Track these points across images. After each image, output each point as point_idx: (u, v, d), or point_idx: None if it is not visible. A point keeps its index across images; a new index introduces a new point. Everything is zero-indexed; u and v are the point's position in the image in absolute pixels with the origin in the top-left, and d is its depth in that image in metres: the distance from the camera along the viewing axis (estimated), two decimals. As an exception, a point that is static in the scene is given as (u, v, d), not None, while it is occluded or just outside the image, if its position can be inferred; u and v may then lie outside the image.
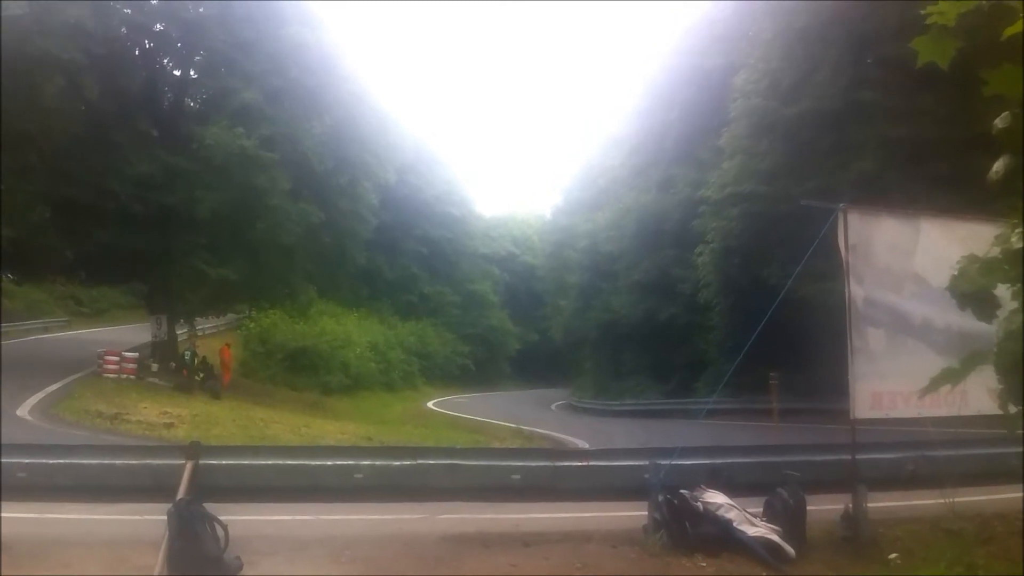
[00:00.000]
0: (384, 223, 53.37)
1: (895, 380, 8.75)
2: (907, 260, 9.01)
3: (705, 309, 39.69)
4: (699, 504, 8.69)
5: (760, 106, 33.46)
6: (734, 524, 8.46)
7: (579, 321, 60.52)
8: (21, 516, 8.86)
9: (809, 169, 29.73)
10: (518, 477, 9.04)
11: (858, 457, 9.14)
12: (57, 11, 29.11)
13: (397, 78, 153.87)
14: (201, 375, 32.07)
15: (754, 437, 23.83)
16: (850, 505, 8.95)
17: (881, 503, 9.33)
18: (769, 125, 32.82)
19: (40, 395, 25.00)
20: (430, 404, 49.84)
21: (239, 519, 7.79)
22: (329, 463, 8.88)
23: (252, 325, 47.46)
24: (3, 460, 8.30)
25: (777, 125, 32.31)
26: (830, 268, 10.13)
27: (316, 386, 46.18)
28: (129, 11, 33.06)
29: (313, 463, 8.94)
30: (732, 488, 8.98)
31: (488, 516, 9.64)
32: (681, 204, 43.58)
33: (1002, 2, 3.71)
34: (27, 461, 8.42)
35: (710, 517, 8.58)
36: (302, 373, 46.86)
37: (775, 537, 8.32)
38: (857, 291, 8.90)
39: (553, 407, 53.59)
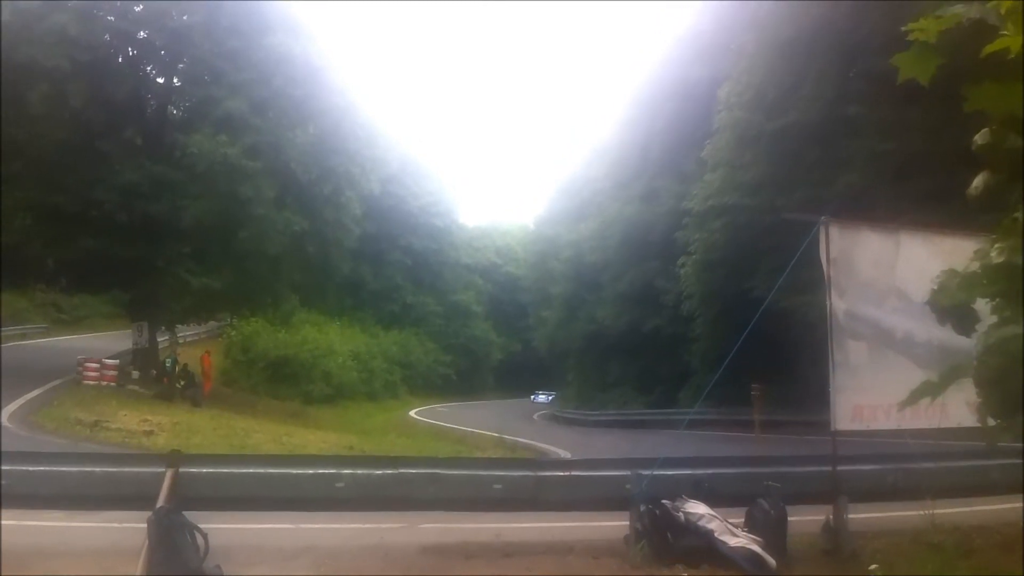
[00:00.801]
0: (368, 233, 53.35)
1: (876, 393, 8.79)
2: (888, 274, 9.07)
3: (689, 320, 39.76)
4: (681, 515, 8.67)
5: (744, 118, 33.53)
6: (716, 535, 8.45)
7: (563, 332, 60.56)
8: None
9: (794, 182, 29.79)
10: (500, 487, 9.02)
11: (839, 469, 9.17)
12: (41, 18, 29.04)
13: (382, 88, 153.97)
14: (182, 383, 31.92)
15: (736, 448, 23.90)
16: (831, 517, 8.98)
17: (862, 515, 9.36)
18: (753, 137, 32.87)
19: (20, 402, 24.85)
20: (412, 414, 49.73)
21: (220, 528, 7.75)
22: (310, 472, 8.83)
23: (234, 333, 47.31)
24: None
25: (761, 138, 32.37)
26: (812, 281, 10.18)
27: (298, 395, 46.06)
28: (113, 18, 32.98)
29: (294, 472, 8.89)
30: (714, 499, 8.99)
31: (470, 526, 9.62)
32: (665, 215, 43.65)
33: (983, 20, 3.74)
34: (7, 468, 8.32)
35: (692, 528, 8.57)
36: (284, 382, 46.72)
37: (756, 548, 8.32)
38: (838, 304, 8.95)
39: (536, 417, 53.55)
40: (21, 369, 32.64)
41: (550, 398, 67.05)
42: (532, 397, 70.08)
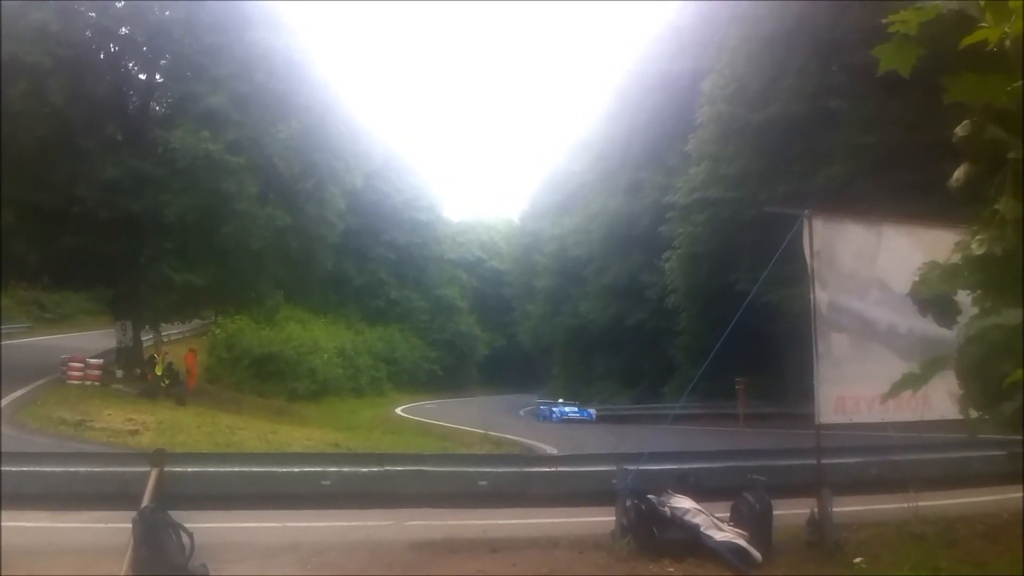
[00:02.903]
0: (352, 228, 53.21)
1: (859, 385, 8.83)
2: (871, 266, 9.10)
3: (673, 314, 39.90)
4: (666, 509, 8.71)
5: (727, 112, 33.70)
6: (701, 529, 8.49)
7: (547, 326, 60.68)
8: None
9: (777, 175, 29.95)
10: (485, 483, 9.03)
11: (823, 461, 9.21)
12: (22, 15, 28.81)
13: (366, 83, 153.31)
14: (167, 381, 31.77)
15: (721, 441, 24.00)
16: (815, 509, 9.02)
17: (846, 507, 9.41)
18: (736, 131, 33.05)
19: (4, 401, 24.70)
20: (398, 410, 49.66)
21: (206, 527, 7.73)
22: (296, 470, 8.83)
23: (218, 331, 47.16)
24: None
25: (744, 131, 32.54)
26: (795, 274, 10.21)
27: (283, 392, 45.95)
28: (94, 14, 32.79)
29: (280, 470, 8.88)
30: (699, 493, 9.02)
31: (456, 522, 9.62)
32: (649, 209, 43.79)
33: (962, 12, 3.75)
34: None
35: (677, 522, 8.60)
36: (269, 379, 46.61)
37: (742, 542, 8.36)
38: (822, 296, 8.97)
39: (522, 412, 53.60)
40: (5, 368, 32.46)
41: (584, 413, 43.75)
42: (542, 409, 48.08)
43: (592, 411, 43.02)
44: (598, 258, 50.26)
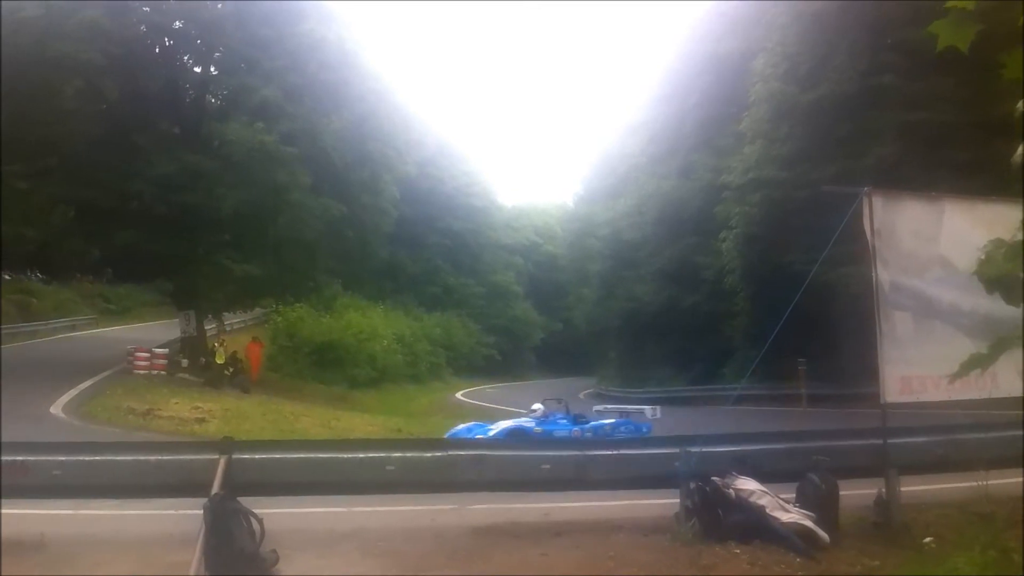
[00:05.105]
0: (406, 216, 53.40)
1: (924, 364, 8.71)
2: (932, 243, 8.97)
3: (729, 296, 39.59)
4: (731, 491, 8.65)
5: (779, 90, 33.39)
6: (767, 511, 8.42)
7: (602, 310, 60.50)
8: (56, 514, 9.00)
9: (829, 154, 29.67)
10: (548, 467, 9.06)
11: (889, 442, 9.11)
12: (73, 12, 29.17)
13: (417, 71, 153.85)
14: (230, 370, 32.24)
15: (783, 423, 23.74)
16: (882, 490, 8.93)
17: (912, 487, 9.30)
18: (788, 110, 32.79)
19: (73, 392, 25.22)
20: (458, 395, 49.89)
21: (270, 513, 7.85)
22: (360, 456, 8.91)
23: (279, 320, 47.71)
24: (38, 459, 8.40)
25: (796, 110, 32.27)
26: (852, 253, 10.10)
27: (343, 380, 46.35)
28: (148, 9, 33.21)
29: (344, 456, 8.97)
30: (763, 475, 8.96)
31: (518, 507, 9.65)
32: (702, 191, 43.51)
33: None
34: (62, 459, 8.48)
35: (742, 504, 8.54)
36: (329, 367, 47.03)
37: (808, 523, 8.30)
38: (883, 275, 8.86)
39: (581, 396, 53.57)
40: (73, 360, 33.23)
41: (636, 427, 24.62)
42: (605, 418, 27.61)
43: (649, 422, 21.90)
44: (651, 241, 50.01)
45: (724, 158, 39.63)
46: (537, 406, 20.55)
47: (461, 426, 19.97)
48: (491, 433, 18.27)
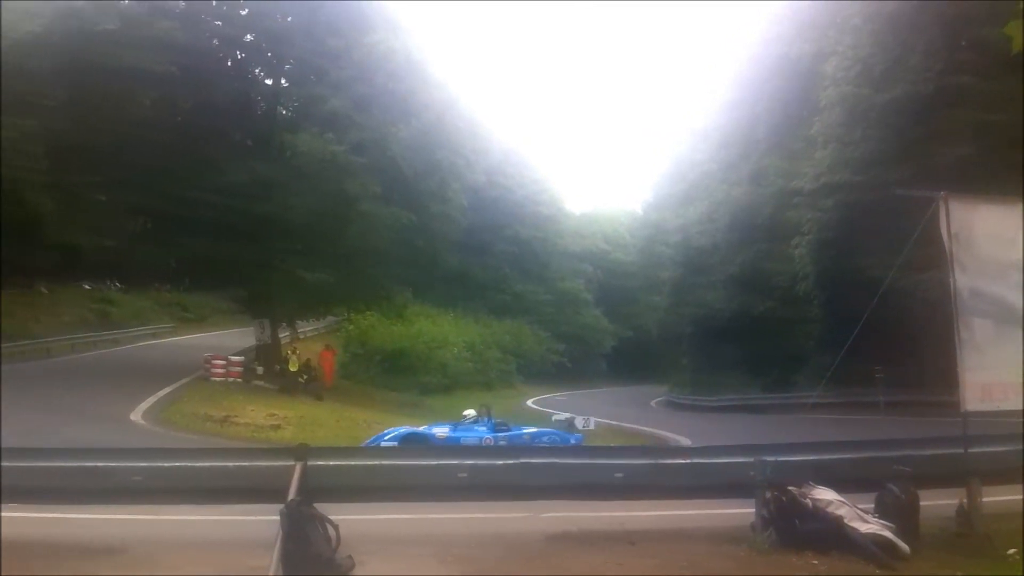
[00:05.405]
0: (474, 224, 53.59)
1: (1005, 371, 8.55)
2: (1012, 248, 8.77)
3: (802, 302, 39.18)
4: (808, 501, 8.52)
5: (852, 93, 33.01)
6: (845, 521, 8.29)
7: (673, 317, 60.24)
8: (135, 519, 9.15)
9: (904, 156, 29.25)
10: (621, 475, 8.99)
11: (970, 450, 8.89)
12: (148, 25, 29.79)
13: (483, 78, 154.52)
14: (304, 377, 32.62)
15: (860, 432, 23.33)
16: (964, 500, 8.71)
17: (995, 497, 9.05)
18: (862, 112, 32.38)
19: (152, 400, 25.73)
20: (530, 403, 49.86)
21: (345, 519, 7.91)
22: (433, 463, 8.95)
23: (351, 327, 48.13)
24: (119, 464, 8.59)
25: (870, 112, 31.86)
26: (928, 258, 9.89)
27: (414, 386, 46.54)
28: (220, 23, 33.88)
29: (417, 463, 9.02)
30: (840, 484, 8.80)
31: (591, 514, 9.62)
32: (773, 196, 43.13)
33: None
34: (142, 465, 8.67)
35: (820, 514, 8.41)
36: (400, 374, 47.29)
37: (888, 534, 8.15)
38: (962, 281, 8.68)
39: (653, 404, 53.25)
40: (151, 367, 34.00)
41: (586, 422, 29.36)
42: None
43: (580, 433, 22.39)
44: (723, 247, 49.67)
45: (796, 163, 39.32)
46: (469, 412, 21.37)
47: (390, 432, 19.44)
48: (386, 439, 18.24)
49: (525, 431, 19.98)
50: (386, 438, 18.50)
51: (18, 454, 8.75)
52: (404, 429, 19.77)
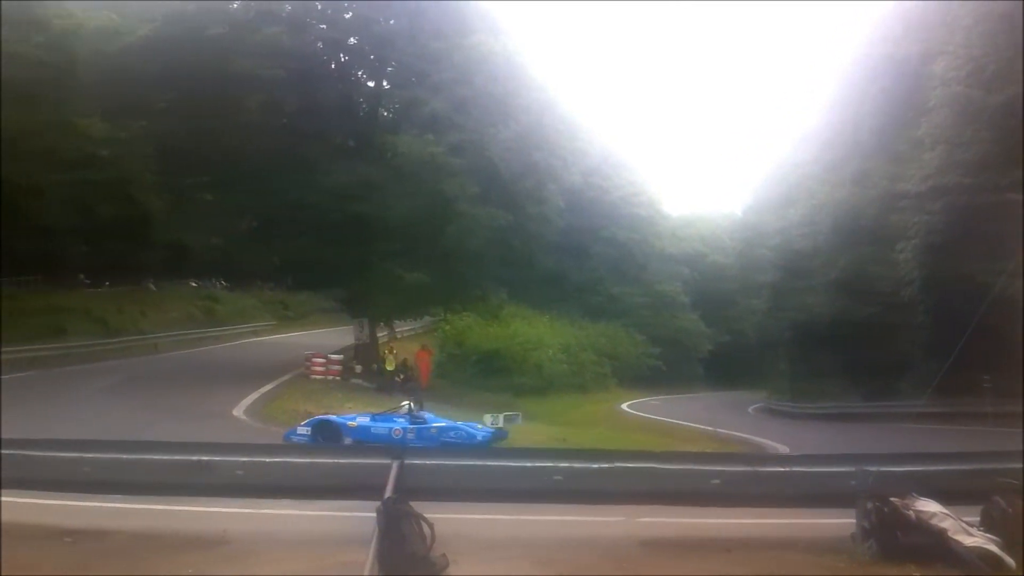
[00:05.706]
0: (571, 226, 53.43)
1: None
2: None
3: (906, 308, 38.11)
4: (911, 512, 8.27)
5: (963, 94, 32.05)
6: (949, 533, 8.02)
7: (772, 321, 59.17)
8: (237, 512, 9.38)
9: (1016, 159, 28.28)
10: (718, 482, 8.86)
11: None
12: (256, 30, 30.70)
13: (582, 81, 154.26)
14: (401, 376, 33.00)
15: (966, 442, 22.56)
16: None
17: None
18: (973, 114, 31.40)
19: (254, 396, 26.40)
20: (624, 406, 49.60)
21: (440, 517, 7.99)
22: (527, 465, 8.94)
23: (447, 328, 48.52)
24: (222, 459, 8.81)
25: (982, 114, 30.90)
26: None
27: (509, 388, 46.54)
28: (325, 27, 34.60)
29: (511, 464, 9.03)
30: (945, 496, 8.52)
31: (687, 521, 9.49)
32: (877, 199, 42.03)
33: None
34: (244, 460, 8.88)
35: (923, 526, 8.16)
36: (495, 375, 47.36)
37: (994, 548, 7.86)
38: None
39: (751, 410, 52.47)
40: (253, 364, 34.86)
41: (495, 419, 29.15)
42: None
43: (490, 428, 22.40)
44: (824, 251, 48.54)
45: (901, 165, 38.35)
46: (405, 403, 21.38)
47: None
48: (299, 430, 18.09)
49: (433, 424, 19.59)
50: (301, 424, 18.71)
51: (123, 447, 9.06)
52: (319, 417, 19.83)
